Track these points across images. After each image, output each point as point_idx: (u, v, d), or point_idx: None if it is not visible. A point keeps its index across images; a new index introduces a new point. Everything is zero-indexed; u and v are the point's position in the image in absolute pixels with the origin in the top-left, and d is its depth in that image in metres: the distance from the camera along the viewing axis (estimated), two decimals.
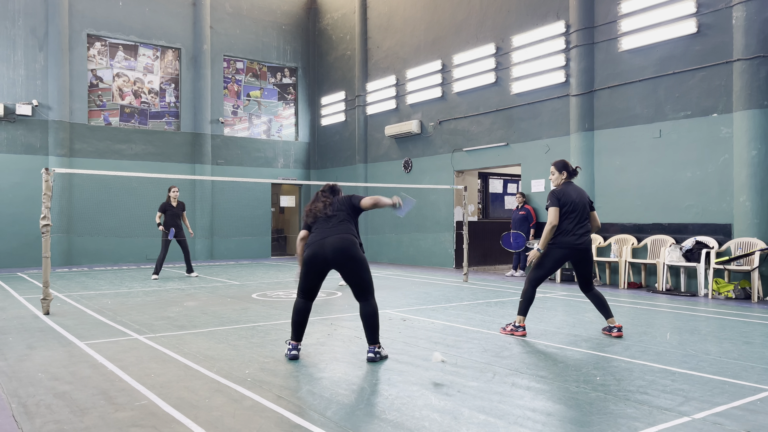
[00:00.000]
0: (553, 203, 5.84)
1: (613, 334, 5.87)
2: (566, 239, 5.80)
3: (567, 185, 5.99)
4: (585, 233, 5.84)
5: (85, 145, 15.46)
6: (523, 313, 5.95)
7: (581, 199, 5.91)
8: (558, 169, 6.05)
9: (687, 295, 9.16)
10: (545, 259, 5.89)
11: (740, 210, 9.06)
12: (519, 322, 5.95)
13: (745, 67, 8.95)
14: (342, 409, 3.64)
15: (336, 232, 4.84)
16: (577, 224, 5.82)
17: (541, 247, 5.86)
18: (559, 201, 5.83)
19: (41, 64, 14.88)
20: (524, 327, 5.96)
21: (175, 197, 11.74)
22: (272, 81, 18.80)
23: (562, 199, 5.83)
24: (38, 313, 7.25)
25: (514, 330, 5.96)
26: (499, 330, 6.15)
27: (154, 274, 11.57)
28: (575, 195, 5.89)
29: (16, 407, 3.67)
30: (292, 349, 4.93)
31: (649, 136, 10.33)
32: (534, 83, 12.30)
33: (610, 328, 5.91)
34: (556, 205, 5.82)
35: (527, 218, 12.30)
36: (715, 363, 4.78)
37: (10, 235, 14.30)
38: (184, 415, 3.50)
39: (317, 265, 4.85)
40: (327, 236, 4.83)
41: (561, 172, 6.03)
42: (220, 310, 7.56)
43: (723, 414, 3.52)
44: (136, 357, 4.97)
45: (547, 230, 5.80)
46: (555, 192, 5.92)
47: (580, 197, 5.91)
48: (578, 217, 5.83)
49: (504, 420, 3.42)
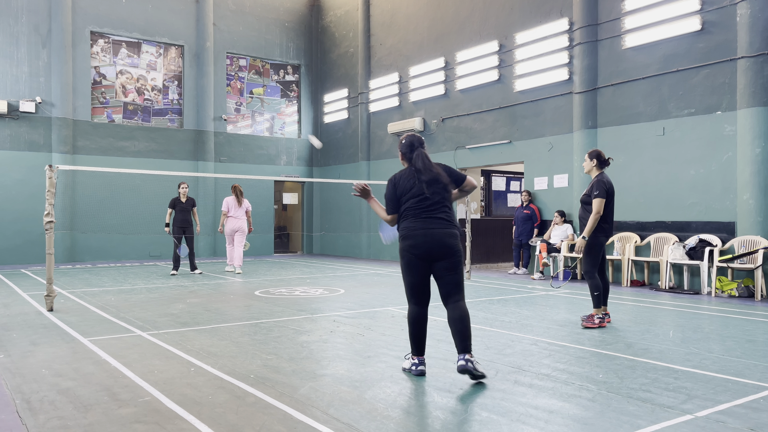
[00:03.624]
0: (602, 194, 6.25)
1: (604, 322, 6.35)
2: (608, 228, 6.35)
3: (603, 175, 6.42)
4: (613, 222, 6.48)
5: (88, 142, 15.48)
6: (602, 304, 6.28)
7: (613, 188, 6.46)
8: (591, 157, 6.48)
9: (690, 293, 9.14)
10: (594, 248, 6.29)
11: (744, 208, 9.04)
12: (600, 313, 6.25)
13: (749, 64, 8.92)
14: (345, 406, 3.64)
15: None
16: (612, 214, 6.37)
17: (587, 234, 6.27)
18: (607, 192, 6.28)
19: (44, 61, 14.90)
20: (607, 314, 6.33)
21: (185, 193, 11.84)
22: (275, 78, 18.80)
23: (609, 190, 6.31)
24: (42, 310, 7.27)
25: (600, 321, 6.20)
26: (582, 325, 6.26)
27: (173, 270, 11.82)
28: (612, 186, 6.41)
29: (20, 403, 3.69)
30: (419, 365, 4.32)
31: (652, 133, 10.30)
32: (537, 81, 12.27)
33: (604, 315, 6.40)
34: (604, 196, 6.25)
35: (531, 217, 12.28)
36: (718, 361, 4.77)
37: (14, 231, 14.34)
38: (188, 411, 3.51)
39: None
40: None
41: (592, 160, 6.46)
42: (223, 307, 7.57)
43: (726, 412, 3.51)
44: (140, 353, 4.98)
45: (593, 219, 6.22)
46: (604, 183, 6.31)
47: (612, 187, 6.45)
48: (612, 207, 6.36)
49: (507, 417, 3.42)
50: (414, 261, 4.21)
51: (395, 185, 4.36)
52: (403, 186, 4.31)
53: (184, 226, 11.79)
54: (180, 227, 11.77)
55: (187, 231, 11.85)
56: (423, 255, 4.18)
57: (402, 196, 4.31)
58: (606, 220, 6.29)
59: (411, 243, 4.20)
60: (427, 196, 4.22)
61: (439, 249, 4.16)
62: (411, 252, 4.20)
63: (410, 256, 4.21)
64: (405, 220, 4.29)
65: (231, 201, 11.98)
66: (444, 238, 4.17)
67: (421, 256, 4.19)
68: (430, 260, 4.20)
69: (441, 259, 4.19)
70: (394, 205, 4.36)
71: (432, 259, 4.20)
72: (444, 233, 4.18)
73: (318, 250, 19.43)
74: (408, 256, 4.23)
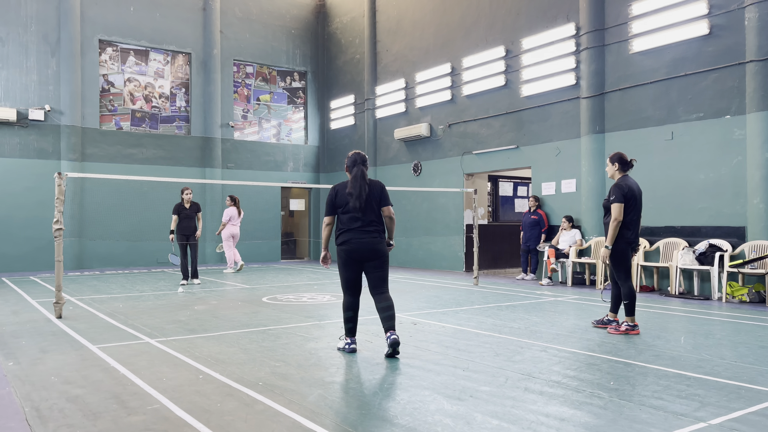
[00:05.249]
0: (619, 199, 6.00)
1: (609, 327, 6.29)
2: (629, 234, 6.06)
3: (626, 179, 6.16)
4: (639, 227, 6.19)
5: (97, 150, 15.57)
6: (633, 313, 6.11)
7: (639, 192, 6.14)
8: (612, 161, 6.26)
9: (700, 299, 9.07)
10: (621, 256, 6.07)
11: (754, 212, 8.96)
12: (631, 322, 6.10)
13: (759, 68, 8.87)
14: (354, 413, 3.62)
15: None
16: (637, 218, 6.09)
17: (609, 243, 6.04)
18: (625, 197, 6.00)
19: (53, 70, 15.02)
20: (616, 320, 6.25)
21: (188, 199, 11.38)
22: (282, 85, 18.86)
23: (627, 194, 6.01)
24: (51, 317, 7.29)
25: (629, 329, 6.07)
26: (609, 331, 6.23)
27: (182, 281, 11.28)
28: (636, 189, 6.11)
29: (29, 411, 3.69)
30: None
31: (661, 138, 10.25)
32: (544, 86, 12.25)
33: (609, 321, 6.34)
34: (621, 201, 6.00)
35: (539, 223, 12.23)
36: (730, 367, 4.72)
37: (23, 239, 14.42)
38: (196, 419, 3.50)
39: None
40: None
41: (614, 164, 6.24)
42: (231, 314, 7.57)
43: (740, 420, 3.47)
44: (148, 361, 4.98)
45: (613, 227, 5.99)
46: (620, 187, 6.05)
47: (638, 190, 6.14)
48: (638, 211, 6.08)
49: (517, 425, 3.39)
50: (350, 262, 5.25)
51: (336, 195, 5.31)
52: (341, 199, 5.28)
53: (187, 233, 11.29)
54: (184, 234, 11.25)
55: (191, 238, 11.32)
56: (357, 258, 5.23)
57: (339, 207, 5.29)
58: (628, 227, 6.03)
59: (347, 248, 5.22)
60: (358, 216, 5.21)
61: (370, 253, 5.22)
62: (348, 255, 5.23)
63: (347, 258, 5.24)
64: (342, 232, 5.26)
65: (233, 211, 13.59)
66: (374, 245, 5.22)
67: (356, 258, 5.23)
68: (362, 261, 5.25)
69: (370, 260, 5.24)
70: (331, 210, 5.34)
71: (363, 260, 5.24)
72: (373, 241, 5.22)
73: None
74: (345, 258, 5.25)
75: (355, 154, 5.35)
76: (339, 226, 5.31)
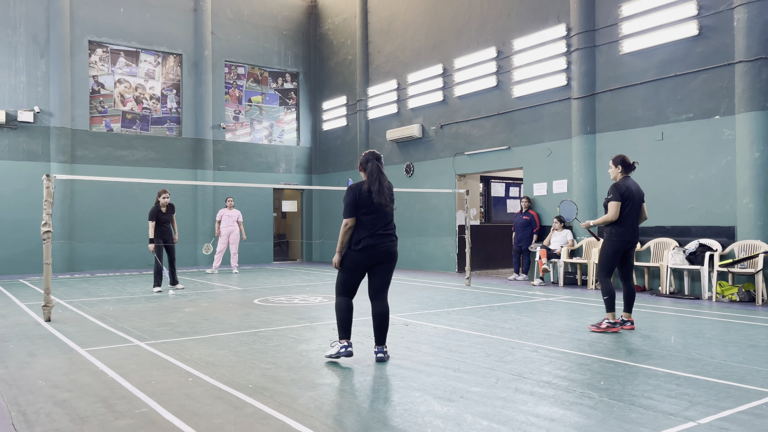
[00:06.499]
0: (616, 198, 6.20)
1: (625, 327, 6.39)
2: (625, 233, 6.22)
3: (626, 179, 6.35)
4: (637, 227, 6.33)
5: (87, 152, 15.47)
6: (612, 309, 6.23)
7: (638, 193, 6.31)
8: (615, 163, 6.43)
9: (691, 299, 9.11)
10: (611, 253, 6.26)
11: (743, 212, 9.02)
12: (611, 319, 6.23)
13: (747, 68, 8.92)
14: (344, 415, 3.61)
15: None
16: (634, 218, 6.25)
17: (594, 222, 6.37)
18: (622, 196, 6.19)
19: (43, 71, 14.92)
20: (618, 322, 6.29)
21: (166, 203, 10.44)
22: (273, 86, 18.82)
23: (624, 194, 6.20)
24: (39, 320, 7.23)
25: (609, 326, 6.21)
26: (589, 328, 6.38)
27: (156, 287, 10.38)
28: (634, 189, 6.28)
29: (16, 415, 3.65)
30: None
31: (651, 138, 10.30)
32: (535, 86, 12.28)
33: (623, 321, 6.40)
34: (618, 200, 6.19)
35: (531, 223, 12.26)
36: (720, 367, 4.73)
37: (13, 241, 14.30)
38: (185, 422, 3.47)
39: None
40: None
41: (617, 167, 6.41)
42: (222, 316, 7.53)
43: (729, 419, 3.48)
44: (137, 364, 4.94)
45: (603, 219, 6.26)
46: (618, 187, 6.25)
47: (637, 192, 6.31)
48: (635, 212, 6.25)
49: (507, 426, 3.38)
50: (360, 267, 5.01)
51: (359, 194, 4.99)
52: (364, 199, 4.98)
53: (165, 237, 10.40)
54: (161, 238, 10.36)
55: (168, 241, 10.47)
56: (372, 262, 5.00)
57: (362, 207, 4.98)
58: (622, 224, 6.22)
59: (366, 254, 4.96)
60: (380, 217, 4.99)
61: (385, 256, 5.01)
62: (365, 260, 4.97)
63: (362, 262, 4.98)
64: (365, 237, 4.94)
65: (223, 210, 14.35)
66: (391, 248, 5.04)
67: (371, 263, 5.00)
68: (373, 265, 5.03)
69: (382, 264, 5.03)
70: (354, 211, 4.99)
71: (375, 264, 5.02)
72: (392, 245, 5.05)
73: (317, 258, 19.39)
74: (360, 261, 4.98)
75: (369, 152, 5.17)
76: (359, 230, 4.97)
